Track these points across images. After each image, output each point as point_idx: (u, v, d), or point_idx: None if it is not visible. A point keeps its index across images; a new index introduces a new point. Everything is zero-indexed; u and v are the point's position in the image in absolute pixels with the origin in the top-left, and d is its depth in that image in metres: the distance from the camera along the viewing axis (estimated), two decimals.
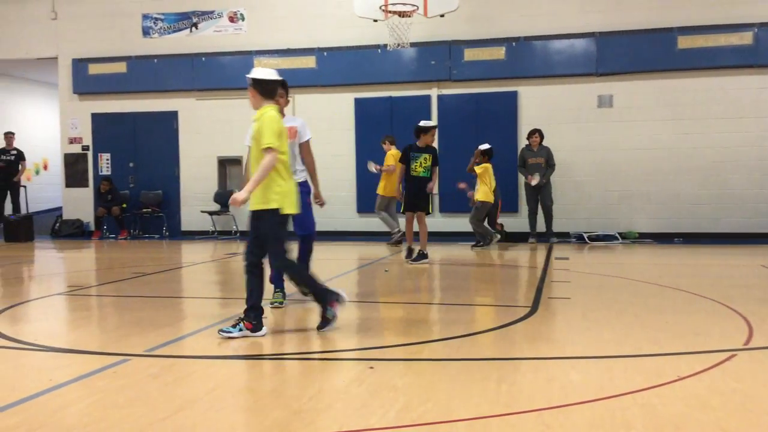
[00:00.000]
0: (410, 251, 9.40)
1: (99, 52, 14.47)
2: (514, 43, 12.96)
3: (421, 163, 9.32)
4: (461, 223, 12.81)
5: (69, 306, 6.53)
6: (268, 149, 4.71)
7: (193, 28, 14.22)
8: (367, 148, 13.27)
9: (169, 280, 8.21)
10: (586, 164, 12.77)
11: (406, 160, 9.42)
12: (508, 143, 12.89)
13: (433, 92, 13.34)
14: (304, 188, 5.92)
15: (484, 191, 11.31)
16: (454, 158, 13.22)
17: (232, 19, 14.06)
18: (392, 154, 11.81)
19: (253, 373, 3.90)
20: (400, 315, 5.75)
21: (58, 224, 14.88)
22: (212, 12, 14.14)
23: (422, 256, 9.20)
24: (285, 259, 4.95)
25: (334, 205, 12.70)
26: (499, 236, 11.55)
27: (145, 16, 14.41)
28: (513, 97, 13.05)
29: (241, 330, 4.70)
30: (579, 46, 12.80)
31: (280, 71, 14.93)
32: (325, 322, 4.91)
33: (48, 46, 14.81)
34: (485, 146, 11.50)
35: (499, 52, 13.03)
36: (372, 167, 11.97)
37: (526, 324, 5.20)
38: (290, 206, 4.87)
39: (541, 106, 12.94)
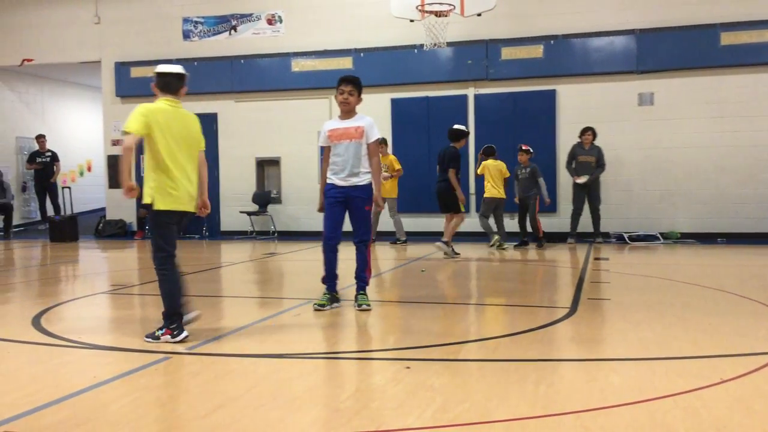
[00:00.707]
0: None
1: (141, 56, 14.74)
2: (552, 41, 12.84)
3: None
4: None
5: (112, 304, 6.67)
6: (126, 133, 4.56)
7: (232, 31, 14.40)
8: (403, 149, 13.28)
9: (208, 279, 8.33)
10: (626, 163, 12.58)
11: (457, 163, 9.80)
12: (546, 143, 12.77)
13: (470, 92, 13.29)
14: (363, 193, 5.76)
15: (487, 188, 11.39)
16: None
17: (270, 22, 14.20)
18: (394, 159, 12.30)
19: (292, 372, 3.94)
20: (436, 315, 5.74)
21: (101, 224, 15.21)
22: (250, 15, 14.30)
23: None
24: (156, 258, 4.73)
25: None
26: (497, 238, 11.25)
27: (186, 20, 14.63)
28: (551, 95, 12.93)
29: (158, 338, 4.53)
30: (618, 43, 12.62)
31: (317, 72, 15.08)
32: (154, 335, 4.59)
33: (91, 49, 15.15)
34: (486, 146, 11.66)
35: (537, 51, 12.92)
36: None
37: (565, 325, 5.15)
38: (165, 203, 4.61)
39: (580, 105, 12.79)
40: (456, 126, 10.13)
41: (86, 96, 18.63)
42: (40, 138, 15.42)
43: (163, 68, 4.94)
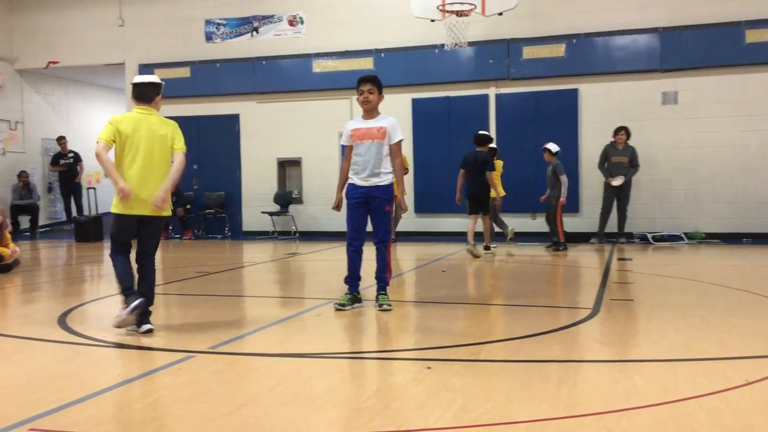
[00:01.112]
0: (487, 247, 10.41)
1: (164, 58, 14.89)
2: (574, 40, 12.76)
3: None
4: (521, 223, 12.69)
5: None
6: (97, 142, 4.86)
7: (254, 33, 14.49)
8: (424, 149, 13.28)
9: (231, 279, 8.39)
10: (649, 163, 12.45)
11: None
12: (568, 142, 12.68)
13: (491, 91, 13.24)
14: (383, 194, 5.77)
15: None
16: (512, 158, 13.11)
17: (291, 23, 14.27)
18: (405, 158, 12.38)
19: (313, 371, 3.95)
20: (457, 315, 5.73)
21: None
22: (272, 16, 14.38)
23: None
24: (111, 248, 5.06)
25: None
26: (511, 229, 11.62)
27: (208, 22, 14.75)
28: (573, 94, 12.84)
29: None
30: (642, 41, 12.50)
31: (338, 73, 15.13)
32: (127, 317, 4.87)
33: (115, 52, 15.33)
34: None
35: (558, 49, 12.85)
36: None
37: (587, 326, 5.12)
38: (117, 207, 4.91)
39: (603, 104, 12.70)
40: (482, 132, 10.44)
41: (110, 98, 18.85)
42: (62, 140, 15.64)
43: (137, 79, 5.22)
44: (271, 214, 14.09)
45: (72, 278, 8.41)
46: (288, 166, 14.64)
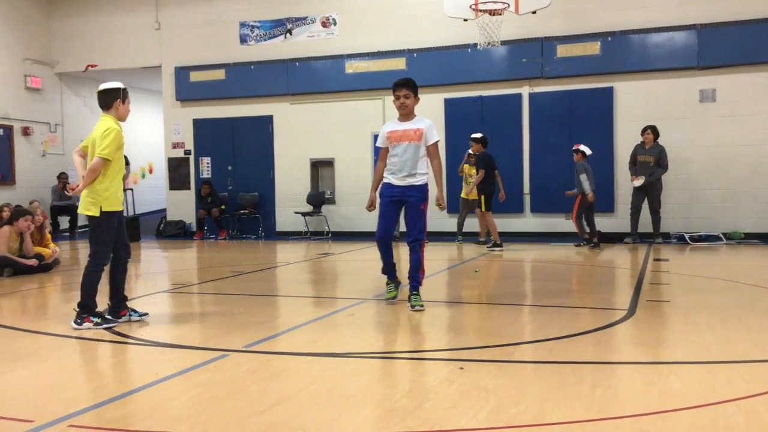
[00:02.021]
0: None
1: (199, 60, 15.08)
2: (609, 38, 12.60)
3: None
4: (553, 223, 12.59)
5: (173, 303, 6.85)
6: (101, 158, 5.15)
7: (288, 35, 14.60)
8: (457, 149, 13.23)
9: (265, 278, 8.47)
10: (687, 162, 12.25)
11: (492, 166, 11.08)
12: (603, 141, 12.55)
13: (525, 90, 13.15)
14: (418, 193, 5.82)
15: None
16: (546, 157, 13.03)
17: (324, 24, 14.34)
18: None
19: (346, 371, 3.97)
20: (490, 316, 5.71)
21: (162, 225, 15.61)
22: (305, 18, 14.47)
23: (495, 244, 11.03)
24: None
25: None
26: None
27: (243, 24, 14.90)
28: (609, 93, 12.69)
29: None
30: (678, 38, 12.30)
31: (371, 74, 15.17)
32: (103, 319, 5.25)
33: (152, 55, 15.57)
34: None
35: (593, 47, 12.70)
36: None
37: (622, 327, 5.06)
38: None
39: (639, 102, 12.52)
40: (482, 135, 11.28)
41: (147, 100, 19.15)
42: None
43: (102, 86, 5.51)
44: (304, 214, 14.18)
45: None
46: (321, 167, 14.72)
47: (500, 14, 11.05)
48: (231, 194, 15.05)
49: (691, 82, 12.25)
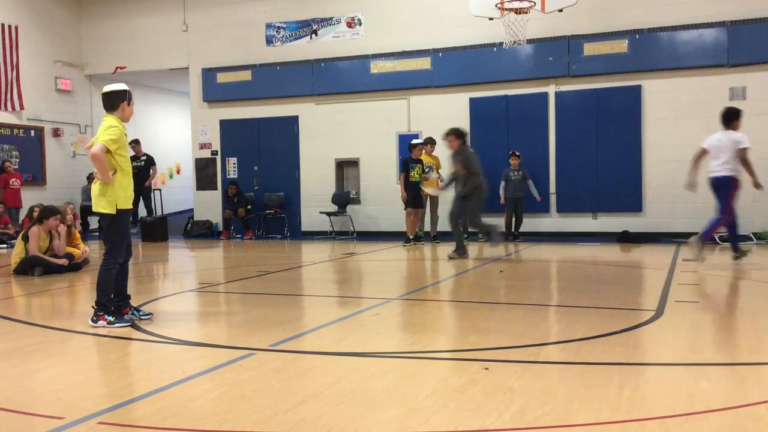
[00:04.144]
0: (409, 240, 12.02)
1: (226, 62, 15.21)
2: (637, 35, 12.47)
3: (417, 171, 11.94)
4: (578, 222, 12.49)
5: (200, 302, 6.91)
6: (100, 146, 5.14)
7: (313, 35, 14.66)
8: (482, 148, 13.17)
9: (290, 278, 8.51)
10: None
11: (407, 169, 11.88)
12: (631, 140, 12.43)
13: (551, 89, 13.06)
14: None
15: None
16: (573, 156, 12.93)
17: (349, 25, 14.38)
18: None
19: (371, 370, 3.98)
20: (515, 316, 5.68)
21: (189, 225, 15.77)
22: (331, 18, 14.52)
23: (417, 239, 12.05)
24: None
25: None
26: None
27: (269, 25, 15.00)
28: (636, 91, 12.55)
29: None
30: (708, 36, 12.12)
31: (396, 73, 15.17)
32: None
33: (180, 56, 15.75)
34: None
35: (621, 45, 12.58)
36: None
37: (650, 328, 5.00)
38: None
39: (668, 101, 12.37)
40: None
41: (175, 101, 19.37)
42: (135, 143, 16.06)
43: (106, 88, 5.47)
44: (329, 214, 14.23)
45: (138, 277, 8.68)
46: (346, 167, 14.76)
47: (526, 13, 10.99)
48: (257, 194, 15.16)
49: (721, 80, 12.07)
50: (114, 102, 5.38)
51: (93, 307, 5.33)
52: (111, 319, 5.25)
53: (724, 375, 3.79)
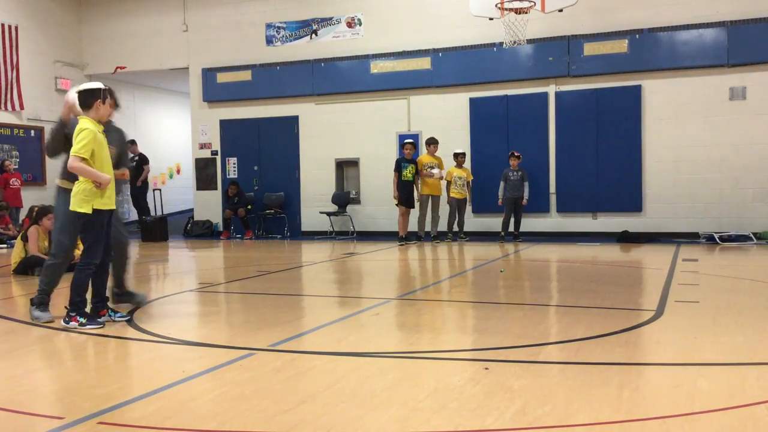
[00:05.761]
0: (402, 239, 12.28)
1: (226, 62, 15.21)
2: (637, 35, 12.47)
3: (409, 170, 12.30)
4: (578, 222, 12.49)
5: (200, 302, 6.91)
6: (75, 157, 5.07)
7: (313, 35, 14.66)
8: (482, 148, 13.19)
9: (290, 278, 8.51)
10: (717, 160, 12.08)
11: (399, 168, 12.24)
12: (631, 140, 12.43)
13: (551, 89, 13.06)
14: None
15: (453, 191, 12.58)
16: (573, 156, 12.92)
17: (349, 25, 14.37)
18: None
19: (370, 370, 3.98)
20: (515, 316, 5.68)
21: (189, 225, 15.77)
22: (331, 18, 14.52)
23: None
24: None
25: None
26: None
27: (269, 26, 15.00)
28: (636, 91, 12.55)
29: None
30: (708, 36, 12.12)
31: (396, 73, 15.18)
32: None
33: (180, 56, 15.75)
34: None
35: (621, 45, 12.58)
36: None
37: (650, 328, 5.00)
38: None
39: (668, 101, 12.37)
40: None
41: (175, 101, 19.36)
42: (131, 143, 16.05)
43: (82, 86, 5.37)
44: (329, 214, 14.23)
45: (138, 277, 8.68)
46: (346, 167, 14.76)
47: (526, 13, 10.99)
48: (257, 194, 15.16)
49: (721, 80, 12.08)
50: (88, 101, 5.22)
51: (66, 307, 5.28)
52: (83, 320, 5.19)
53: (724, 375, 3.79)
